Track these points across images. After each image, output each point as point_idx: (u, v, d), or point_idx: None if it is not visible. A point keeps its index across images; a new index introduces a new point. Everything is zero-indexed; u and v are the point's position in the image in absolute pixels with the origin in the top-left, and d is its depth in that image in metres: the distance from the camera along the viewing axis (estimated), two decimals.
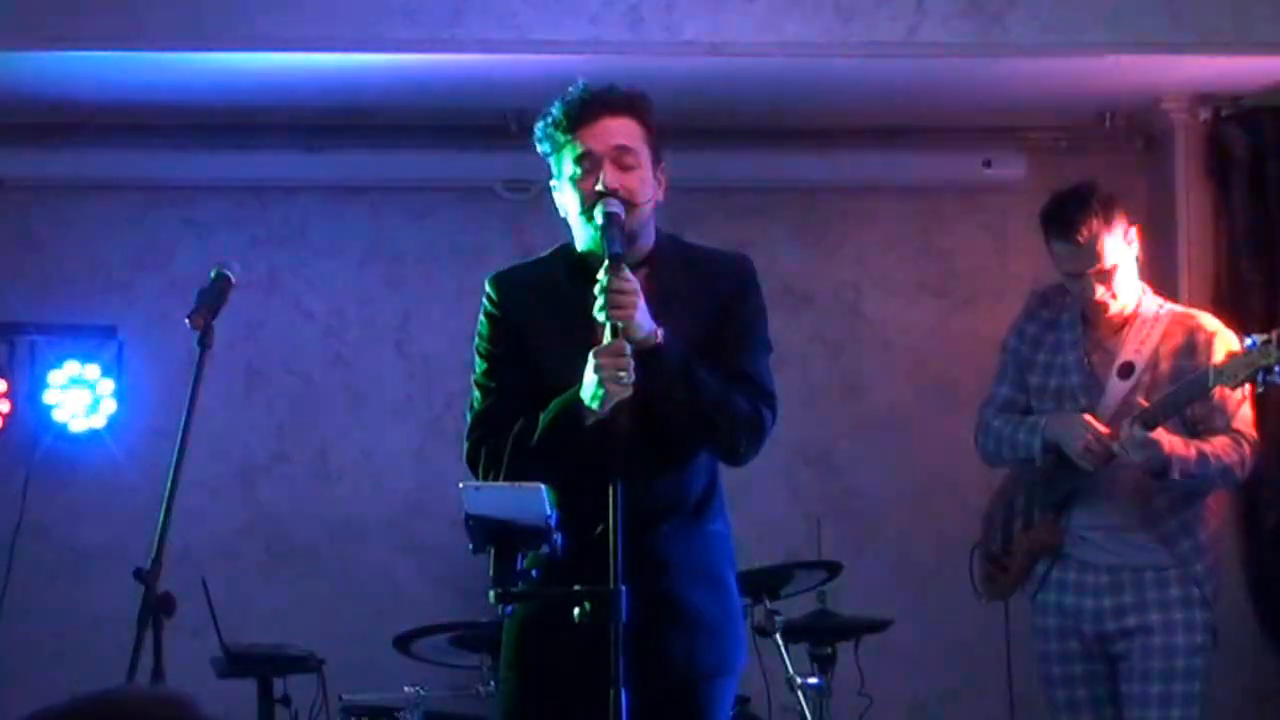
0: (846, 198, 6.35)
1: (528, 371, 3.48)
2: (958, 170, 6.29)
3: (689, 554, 3.48)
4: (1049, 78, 5.73)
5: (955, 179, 6.33)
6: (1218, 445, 4.54)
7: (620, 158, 3.44)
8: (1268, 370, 4.36)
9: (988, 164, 6.25)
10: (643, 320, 3.34)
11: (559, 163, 3.49)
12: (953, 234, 6.37)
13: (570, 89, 3.50)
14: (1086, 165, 5.90)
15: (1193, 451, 4.50)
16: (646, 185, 3.47)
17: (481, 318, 3.57)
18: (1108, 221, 4.56)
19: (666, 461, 3.44)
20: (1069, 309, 4.74)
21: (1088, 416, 4.58)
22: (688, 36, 5.29)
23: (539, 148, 3.53)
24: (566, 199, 3.50)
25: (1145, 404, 4.50)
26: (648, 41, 5.28)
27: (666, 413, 3.36)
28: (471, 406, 3.54)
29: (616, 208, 3.35)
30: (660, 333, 3.36)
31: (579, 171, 3.45)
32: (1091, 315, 4.70)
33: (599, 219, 3.35)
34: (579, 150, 3.44)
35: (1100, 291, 4.59)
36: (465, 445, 3.51)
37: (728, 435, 3.40)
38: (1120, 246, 4.58)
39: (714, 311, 3.47)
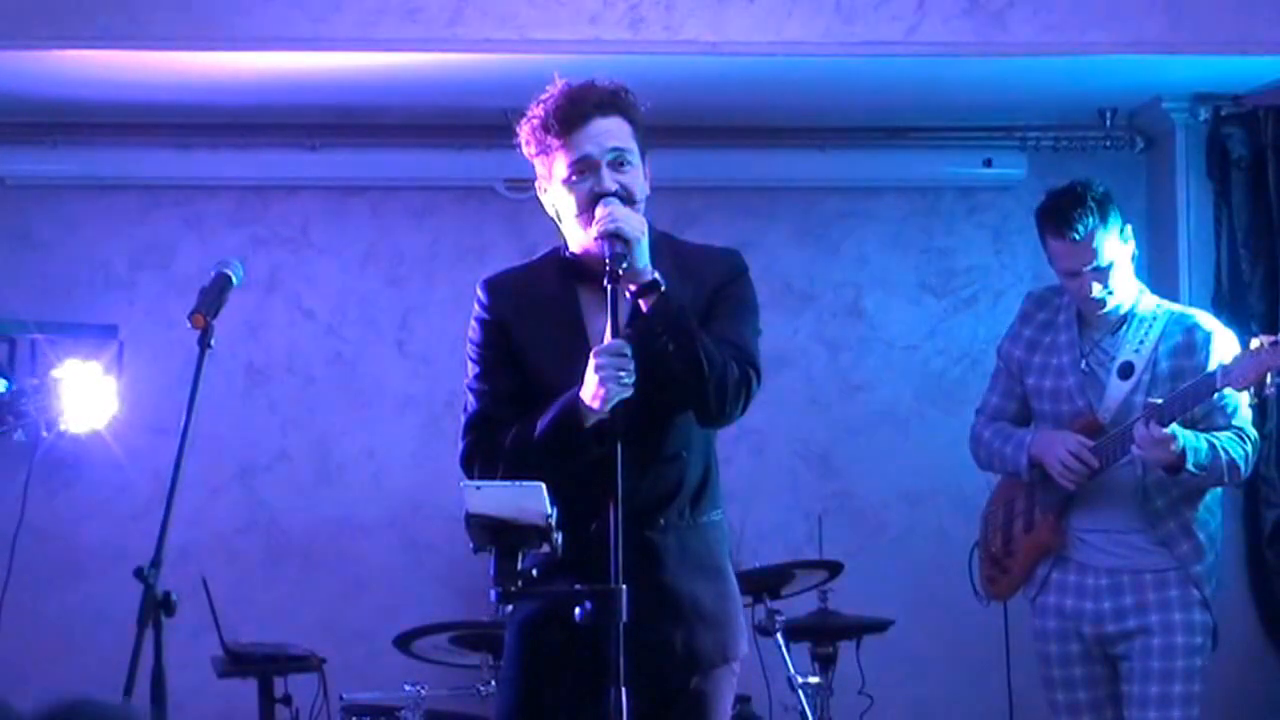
0: (847, 197, 6.36)
1: (520, 374, 3.48)
2: (958, 169, 6.30)
3: (686, 545, 3.47)
4: (1049, 77, 5.73)
5: (956, 178, 6.34)
6: (1224, 439, 4.55)
7: (616, 159, 3.43)
8: (1277, 372, 4.36)
9: (988, 163, 6.26)
10: (641, 257, 3.33)
11: (549, 165, 3.48)
12: (953, 233, 6.37)
13: (550, 90, 3.48)
14: (1087, 165, 5.90)
15: (1204, 444, 4.50)
16: (640, 182, 3.47)
17: (473, 322, 3.56)
18: (1104, 219, 4.55)
19: (663, 449, 3.43)
20: (1065, 310, 4.74)
21: (1073, 436, 4.59)
22: (688, 36, 5.29)
23: (524, 150, 3.50)
24: (559, 201, 3.49)
25: (1157, 402, 4.49)
26: (648, 41, 5.28)
27: (661, 360, 3.32)
28: (465, 410, 3.54)
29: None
30: (657, 274, 3.35)
31: (575, 175, 3.43)
32: (1088, 315, 4.69)
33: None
34: (574, 154, 3.42)
35: (1097, 289, 4.59)
36: (459, 448, 3.51)
37: (718, 389, 3.37)
38: (1116, 244, 4.58)
39: (704, 303, 3.47)
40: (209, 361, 3.41)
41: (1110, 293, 4.61)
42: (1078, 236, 4.54)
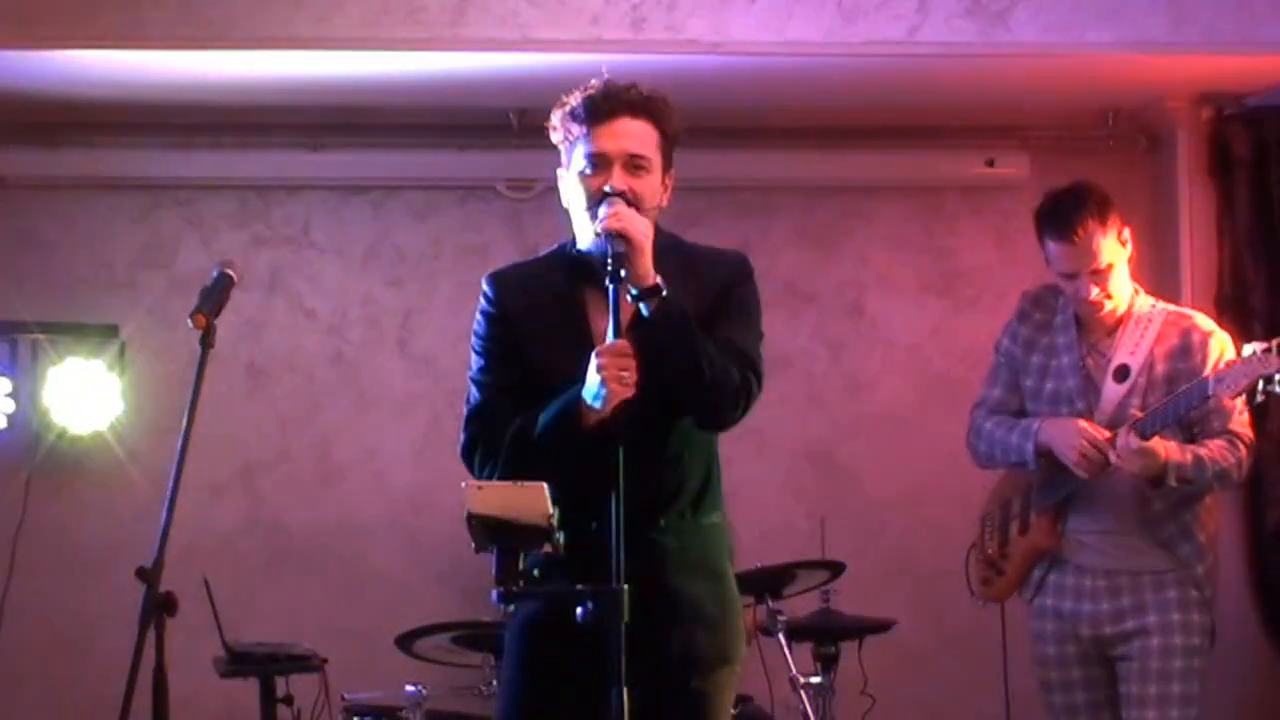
0: (848, 197, 6.35)
1: (524, 369, 3.49)
2: (960, 169, 6.30)
3: (687, 547, 3.48)
4: (1051, 77, 5.73)
5: (958, 178, 6.33)
6: (1214, 449, 4.53)
7: (631, 162, 3.44)
8: (1268, 379, 4.35)
9: (990, 163, 6.26)
10: (645, 263, 3.33)
11: (570, 154, 3.50)
12: (955, 233, 6.37)
13: (594, 81, 3.50)
14: (1089, 164, 5.89)
15: (1189, 457, 4.49)
16: (654, 190, 3.47)
17: (479, 315, 3.58)
18: (1103, 221, 4.55)
19: (664, 450, 3.43)
20: (1062, 310, 4.73)
21: (1084, 423, 4.57)
22: (689, 35, 5.29)
23: (552, 135, 3.54)
24: (571, 191, 3.50)
25: (1139, 414, 4.49)
26: (649, 40, 5.28)
27: (661, 363, 3.32)
28: (468, 402, 3.56)
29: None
30: (659, 278, 3.35)
31: (589, 168, 3.45)
32: (1085, 317, 4.68)
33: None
34: (591, 148, 3.44)
35: (1095, 291, 4.58)
36: (460, 440, 3.52)
37: (718, 394, 3.38)
38: (1115, 246, 4.58)
39: (709, 304, 3.47)
40: (210, 361, 3.41)
41: (1108, 295, 4.61)
42: (1077, 239, 4.53)
